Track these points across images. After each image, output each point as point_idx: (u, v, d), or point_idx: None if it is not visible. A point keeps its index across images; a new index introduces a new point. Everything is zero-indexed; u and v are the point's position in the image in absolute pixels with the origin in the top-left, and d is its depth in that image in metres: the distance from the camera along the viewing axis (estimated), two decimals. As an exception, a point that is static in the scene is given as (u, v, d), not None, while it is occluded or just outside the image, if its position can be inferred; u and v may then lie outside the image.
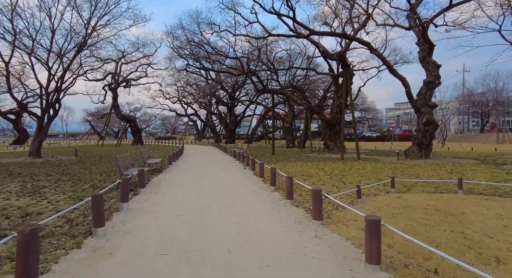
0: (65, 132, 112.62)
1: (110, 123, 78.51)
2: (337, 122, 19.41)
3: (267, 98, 44.62)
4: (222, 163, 14.80)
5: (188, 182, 8.72)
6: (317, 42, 17.85)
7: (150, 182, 8.83)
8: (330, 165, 12.90)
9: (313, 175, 9.84)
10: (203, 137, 62.06)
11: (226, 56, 19.54)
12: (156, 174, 10.42)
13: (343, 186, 7.87)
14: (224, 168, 12.29)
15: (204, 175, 10.13)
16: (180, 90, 50.09)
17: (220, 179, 9.32)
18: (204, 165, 13.77)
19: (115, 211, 5.41)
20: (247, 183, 8.54)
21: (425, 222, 4.56)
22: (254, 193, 7.07)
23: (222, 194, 6.87)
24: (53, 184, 8.20)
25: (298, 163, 14.23)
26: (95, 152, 22.83)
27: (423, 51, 16.59)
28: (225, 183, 8.53)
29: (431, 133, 15.66)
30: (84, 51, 19.66)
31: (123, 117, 38.04)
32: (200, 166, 13.07)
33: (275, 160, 15.77)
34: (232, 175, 10.19)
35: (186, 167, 12.72)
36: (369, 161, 14.86)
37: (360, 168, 11.71)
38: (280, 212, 5.26)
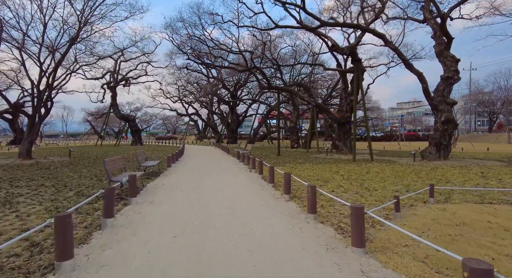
0: (65, 132, 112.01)
1: (111, 122, 77.65)
2: (346, 121, 18.30)
3: (270, 97, 43.52)
4: (225, 164, 13.72)
5: (188, 187, 7.63)
6: (326, 35, 16.74)
7: (145, 187, 7.76)
8: (344, 168, 11.79)
9: (329, 180, 8.73)
10: (204, 137, 60.99)
11: (229, 50, 18.38)
12: (152, 178, 9.34)
13: (368, 194, 6.76)
14: (227, 171, 11.21)
15: (206, 179, 9.05)
16: (181, 89, 49.08)
17: (224, 184, 8.22)
18: (205, 167, 12.69)
19: (97, 229, 4.33)
20: (256, 189, 7.44)
21: (503, 250, 3.45)
22: (266, 203, 5.97)
23: (228, 205, 5.78)
24: (33, 191, 7.12)
25: (307, 165, 13.13)
26: (91, 153, 21.78)
27: (439, 45, 15.47)
28: (230, 189, 7.44)
29: (450, 133, 14.54)
30: (79, 46, 18.63)
31: (122, 116, 37.00)
32: (202, 168, 11.99)
33: (282, 162, 14.67)
34: (238, 179, 9.09)
35: (187, 170, 11.64)
36: (384, 163, 13.75)
37: (379, 171, 10.60)
38: (303, 232, 4.16)
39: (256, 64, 17.13)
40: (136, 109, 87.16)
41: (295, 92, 17.61)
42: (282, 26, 15.71)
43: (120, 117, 36.91)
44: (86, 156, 18.35)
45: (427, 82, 14.53)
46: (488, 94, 57.61)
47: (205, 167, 12.50)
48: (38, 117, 15.36)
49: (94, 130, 77.80)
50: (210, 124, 51.96)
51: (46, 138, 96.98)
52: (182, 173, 10.72)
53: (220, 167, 12.51)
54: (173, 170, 11.66)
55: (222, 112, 49.53)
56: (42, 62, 15.53)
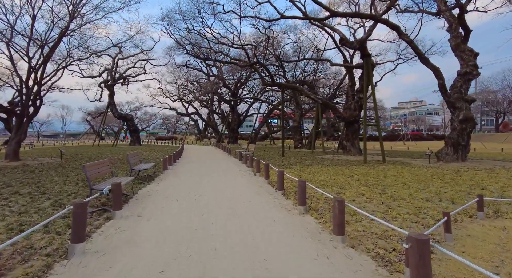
0: (64, 132, 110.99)
1: (110, 122, 76.69)
2: (355, 119, 17.26)
3: (272, 96, 42.50)
4: (226, 167, 12.70)
5: (185, 196, 6.61)
6: (333, 27, 15.71)
7: (136, 195, 6.75)
8: (357, 171, 10.76)
9: (345, 186, 7.70)
10: (205, 137, 60.00)
11: (230, 45, 17.31)
12: (146, 183, 8.33)
13: (396, 204, 5.74)
14: (229, 174, 10.19)
15: (205, 184, 8.03)
16: (180, 88, 48.10)
17: (227, 190, 7.20)
18: (205, 169, 11.67)
19: (62, 257, 3.31)
20: (264, 198, 6.42)
21: None
22: (279, 216, 4.95)
23: (233, 218, 4.77)
24: (3, 200, 6.10)
25: (316, 167, 12.10)
26: (85, 154, 20.77)
27: (455, 38, 14.44)
28: (233, 197, 6.42)
29: (469, 132, 13.50)
30: (72, 41, 17.62)
31: (120, 115, 35.99)
32: (201, 171, 10.97)
33: (288, 163, 13.65)
34: (241, 184, 8.07)
35: (184, 173, 10.62)
36: (398, 165, 12.71)
37: (397, 175, 9.56)
38: (333, 263, 3.13)
39: (259, 60, 16.19)
40: (136, 108, 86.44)
41: (300, 89, 16.59)
42: (289, 16, 14.65)
43: (118, 117, 35.90)
44: (79, 157, 17.33)
45: (443, 77, 13.50)
46: (494, 93, 56.44)
47: (205, 170, 11.48)
48: (26, 116, 14.35)
49: (93, 129, 76.73)
50: (211, 123, 50.97)
51: (44, 138, 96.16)
52: (179, 177, 9.70)
53: (221, 170, 11.48)
54: (170, 173, 10.64)
55: (222, 112, 48.54)
56: (31, 57, 14.52)
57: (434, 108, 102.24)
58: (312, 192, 6.75)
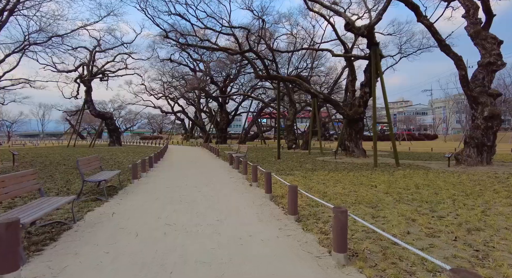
0: (47, 131, 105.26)
1: (93, 121, 72.74)
2: (360, 117, 15.33)
3: (263, 93, 40.38)
4: (214, 173, 10.47)
5: (151, 226, 4.37)
6: (338, 11, 13.75)
7: (80, 222, 4.47)
8: (375, 178, 8.74)
9: (376, 204, 5.62)
10: (191, 136, 57.33)
11: (219, 31, 15.07)
12: (103, 201, 6.02)
13: (477, 239, 3.68)
14: (217, 185, 7.98)
15: (185, 203, 5.81)
16: (166, 86, 45.36)
17: (215, 214, 5.00)
18: (187, 178, 9.41)
19: None
20: (270, 229, 4.25)
21: None
22: (305, 271, 2.79)
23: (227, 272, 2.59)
24: None
25: (322, 173, 10.02)
26: (51, 157, 18.04)
27: (474, 25, 12.68)
28: (223, 227, 4.22)
29: (495, 131, 11.76)
30: (32, 24, 14.96)
31: (98, 113, 33.02)
32: (181, 181, 8.70)
33: (287, 168, 11.53)
34: (235, 203, 5.88)
35: (160, 183, 8.33)
36: (417, 169, 10.80)
37: (429, 184, 7.58)
38: None
39: (252, 48, 14.05)
40: (120, 107, 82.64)
41: (300, 81, 14.52)
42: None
43: (96, 115, 32.95)
44: (38, 162, 14.68)
45: (466, 68, 11.69)
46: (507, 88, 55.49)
47: (187, 179, 9.21)
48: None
49: (74, 129, 72.58)
50: (198, 123, 48.39)
51: (21, 138, 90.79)
52: (151, 190, 7.41)
53: (208, 179, 9.24)
54: (141, 184, 8.32)
55: (210, 110, 46.08)
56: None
57: (423, 108, 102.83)
58: (321, 209, 4.62)
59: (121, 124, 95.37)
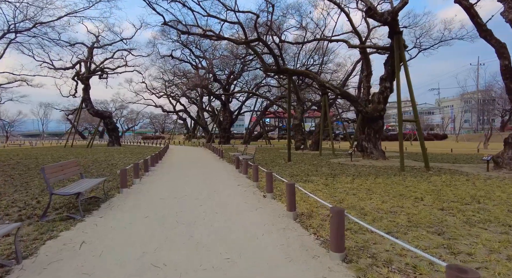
0: (49, 131, 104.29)
1: (94, 120, 71.51)
2: (380, 115, 13.82)
3: (268, 91, 38.92)
4: (219, 179, 9.02)
5: (131, 266, 2.92)
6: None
7: (26, 261, 3.04)
8: (411, 186, 7.24)
9: (440, 227, 4.14)
10: (194, 136, 55.95)
11: (223, 19, 13.56)
12: (76, 220, 4.60)
13: None
14: (224, 195, 6.53)
15: (181, 226, 4.37)
16: (167, 85, 43.99)
17: (223, 247, 3.56)
18: (187, 185, 7.98)
19: None
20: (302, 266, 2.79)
21: None
22: None
23: None
24: None
25: (345, 179, 8.55)
26: (40, 158, 16.69)
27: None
28: (238, 269, 2.78)
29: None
30: (17, 13, 13.61)
31: (96, 112, 31.70)
32: (180, 190, 7.27)
33: (302, 173, 10.06)
34: (249, 225, 4.43)
35: (154, 193, 6.90)
36: (455, 175, 9.28)
37: (488, 196, 6.08)
38: None
39: (261, 37, 12.54)
40: (122, 107, 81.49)
41: (313, 74, 13.01)
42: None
43: (94, 114, 31.63)
44: (23, 164, 13.32)
45: (510, 57, 10.14)
46: (501, 90, 54.20)
47: (186, 187, 7.76)
48: None
49: (75, 128, 71.48)
50: (200, 122, 46.99)
51: (23, 138, 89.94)
52: (141, 203, 5.97)
53: (211, 187, 7.79)
54: (131, 194, 6.89)
55: (213, 109, 44.67)
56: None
57: (429, 107, 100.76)
58: (362, 232, 3.16)
59: (123, 124, 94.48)
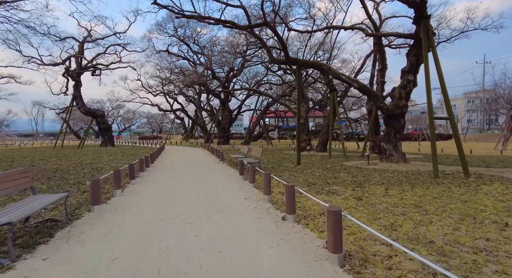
0: (45, 131, 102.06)
1: (89, 119, 69.56)
2: (402, 112, 12.20)
3: (269, 89, 37.26)
4: (220, 188, 7.36)
5: None
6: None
7: None
8: (469, 200, 5.60)
9: None
10: (191, 136, 54.19)
11: (225, 2, 11.83)
12: (2, 267, 2.91)
13: None
14: (228, 217, 4.88)
15: (165, 265, 2.70)
16: (164, 83, 42.26)
17: None
18: (179, 200, 6.32)
19: None
20: None
21: None
22: None
23: None
24: None
25: (375, 189, 6.91)
26: (18, 162, 14.94)
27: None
28: None
29: None
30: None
31: (88, 111, 29.91)
32: (170, 207, 5.61)
33: (320, 180, 8.41)
34: (271, 272, 2.77)
35: (134, 214, 5.23)
36: (505, 183, 7.66)
37: None
38: None
39: (268, 21, 10.88)
40: (118, 106, 79.57)
41: (327, 66, 11.38)
42: None
43: (85, 112, 29.85)
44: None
45: None
46: (509, 89, 52.64)
47: (178, 203, 6.09)
48: None
49: (70, 128, 69.47)
50: (198, 122, 45.26)
51: (19, 137, 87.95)
52: (113, 231, 4.28)
53: (210, 202, 6.12)
54: (103, 214, 5.21)
55: (212, 108, 42.99)
56: None
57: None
58: None
59: (119, 124, 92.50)
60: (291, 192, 4.57)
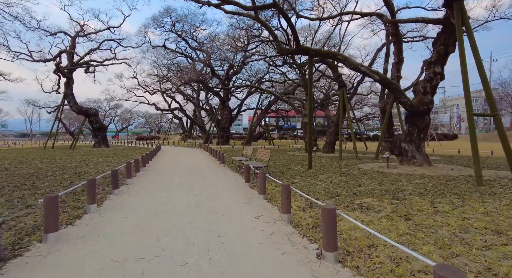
0: (42, 131, 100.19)
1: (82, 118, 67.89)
2: (427, 108, 10.77)
3: (272, 87, 35.80)
4: (223, 202, 5.90)
5: None
6: None
7: None
8: None
9: None
10: (190, 136, 52.67)
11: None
12: None
13: None
14: (236, 249, 3.42)
15: None
16: (162, 81, 40.74)
17: None
18: (170, 222, 4.86)
19: None
20: None
21: None
22: None
23: None
24: None
25: (421, 202, 5.48)
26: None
27: None
28: None
29: None
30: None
31: (80, 110, 28.35)
32: (156, 234, 4.15)
33: (343, 189, 6.96)
34: None
35: (104, 247, 3.75)
36: None
37: None
38: None
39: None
40: (116, 106, 77.87)
41: (343, 56, 9.90)
42: None
43: (77, 111, 28.31)
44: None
45: None
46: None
47: (169, 227, 4.62)
48: None
49: (66, 128, 67.66)
50: (197, 121, 43.75)
51: (16, 137, 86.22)
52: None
53: (212, 221, 4.66)
54: (60, 248, 3.72)
55: (211, 107, 41.48)
56: None
57: (434, 106, 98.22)
58: None
59: (117, 124, 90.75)
60: (331, 219, 3.10)
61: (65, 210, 5.16)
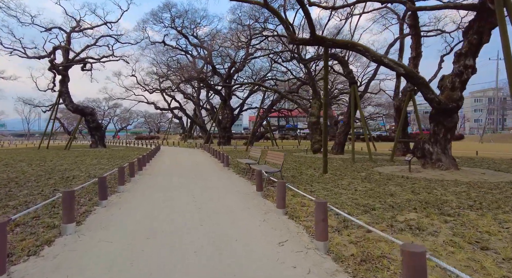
0: (42, 130, 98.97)
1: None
2: (456, 106, 9.67)
3: (275, 85, 34.64)
4: (232, 217, 4.78)
5: None
6: None
7: None
8: None
9: None
10: (190, 136, 51.53)
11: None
12: None
13: None
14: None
15: None
16: (161, 79, 39.62)
17: None
18: (168, 247, 3.73)
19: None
20: None
21: None
22: None
23: None
24: None
25: (483, 221, 4.37)
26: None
27: None
28: None
29: None
30: None
31: (76, 108, 27.22)
32: (149, 266, 3.01)
33: (376, 201, 5.85)
34: None
35: None
36: None
37: None
38: None
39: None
40: (116, 105, 76.69)
41: (364, 47, 8.76)
42: None
43: (73, 110, 27.19)
44: None
45: None
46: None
47: (165, 254, 3.47)
48: None
49: (64, 128, 66.35)
50: (197, 121, 42.63)
51: (15, 137, 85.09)
52: None
53: (222, 249, 3.52)
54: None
55: (212, 106, 40.36)
56: None
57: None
58: None
59: (116, 123, 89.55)
60: (420, 266, 1.97)
61: (34, 231, 4.05)
